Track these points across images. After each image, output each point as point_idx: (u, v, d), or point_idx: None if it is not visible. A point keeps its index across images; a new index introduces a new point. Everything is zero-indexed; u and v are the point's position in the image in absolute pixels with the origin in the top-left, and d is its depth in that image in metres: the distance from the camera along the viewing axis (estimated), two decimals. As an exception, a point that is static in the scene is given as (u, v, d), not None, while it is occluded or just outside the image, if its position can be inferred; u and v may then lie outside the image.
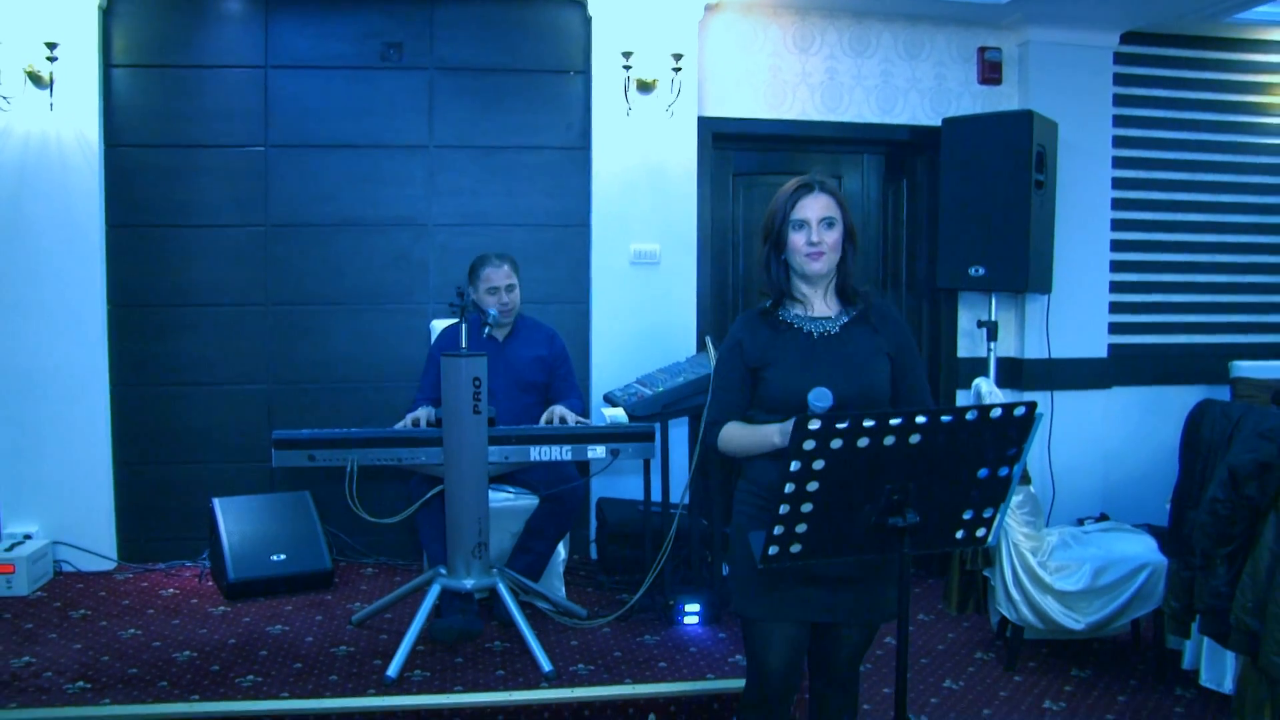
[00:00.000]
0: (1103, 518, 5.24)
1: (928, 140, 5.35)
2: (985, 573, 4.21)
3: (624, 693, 3.50)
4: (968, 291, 5.39)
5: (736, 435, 2.55)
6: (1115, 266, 5.57)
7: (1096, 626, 4.01)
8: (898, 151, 5.58)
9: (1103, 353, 5.55)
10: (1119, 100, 5.51)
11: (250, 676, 3.60)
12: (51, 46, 4.61)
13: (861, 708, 3.79)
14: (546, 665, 3.61)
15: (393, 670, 3.55)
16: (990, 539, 2.24)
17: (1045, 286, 5.19)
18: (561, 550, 4.44)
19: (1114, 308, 5.59)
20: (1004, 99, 5.42)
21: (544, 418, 4.15)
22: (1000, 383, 5.37)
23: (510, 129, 5.17)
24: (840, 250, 2.59)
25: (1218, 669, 3.64)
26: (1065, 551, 4.12)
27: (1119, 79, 5.50)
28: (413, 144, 5.13)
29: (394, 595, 4.13)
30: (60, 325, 4.83)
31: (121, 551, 4.97)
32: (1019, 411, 2.05)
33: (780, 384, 2.51)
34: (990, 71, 5.39)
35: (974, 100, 5.42)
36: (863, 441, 1.98)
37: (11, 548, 4.59)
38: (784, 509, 2.03)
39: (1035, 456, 5.39)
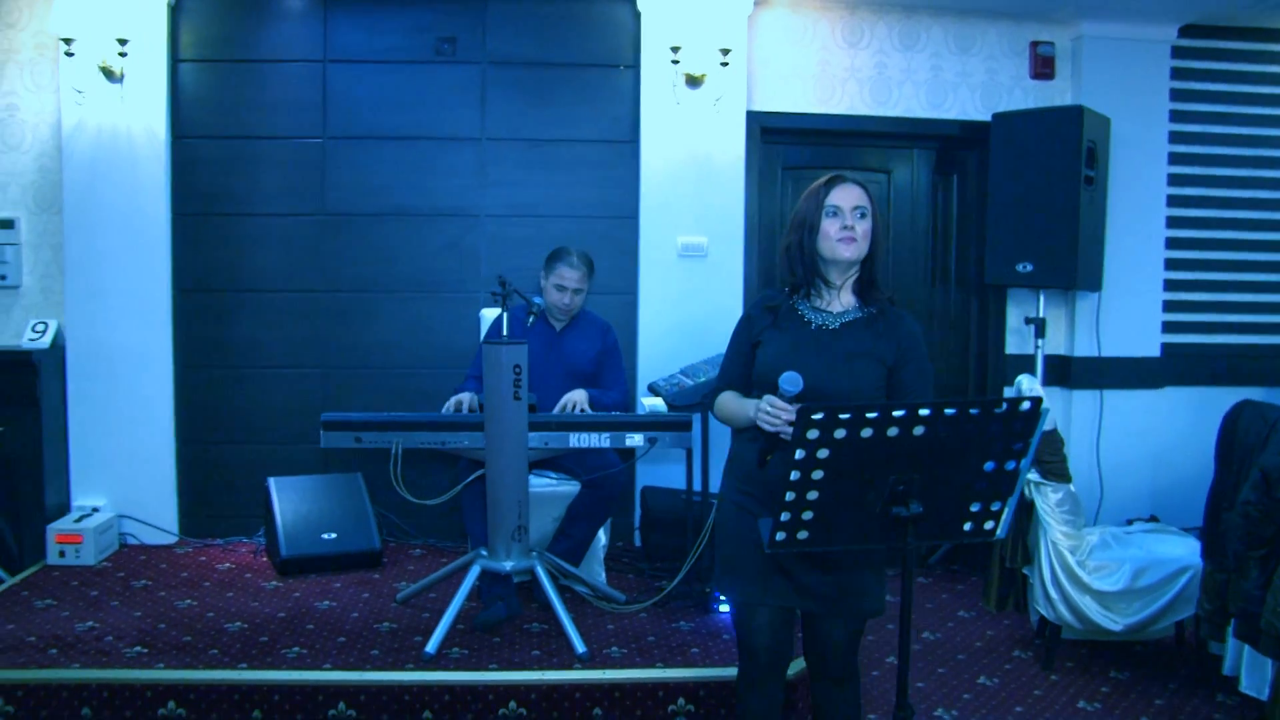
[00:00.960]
0: (1152, 519, 5.18)
1: (978, 135, 5.33)
2: (1025, 571, 4.21)
3: (654, 676, 3.57)
4: (1016, 288, 5.36)
5: (726, 403, 2.73)
6: (1170, 264, 5.49)
7: (1135, 628, 3.98)
8: (948, 146, 5.56)
9: (1155, 352, 5.48)
10: (1176, 95, 5.42)
11: (296, 648, 3.74)
12: (123, 42, 4.81)
13: (893, 701, 3.84)
14: (580, 647, 3.70)
15: (431, 647, 3.67)
16: (999, 532, 2.27)
17: (1095, 284, 5.14)
18: (602, 536, 4.53)
19: (1168, 306, 5.51)
20: (1056, 94, 5.37)
21: (559, 405, 4.24)
22: (1048, 381, 5.33)
23: (560, 122, 5.26)
24: (870, 242, 2.63)
25: (1259, 675, 3.57)
26: (1105, 552, 4.10)
27: (1176, 73, 5.42)
28: (465, 136, 5.24)
29: (437, 575, 4.25)
30: (128, 309, 5.05)
31: (182, 526, 5.18)
32: (1024, 406, 2.08)
33: (763, 363, 2.62)
34: (1042, 66, 5.35)
35: (1025, 95, 5.38)
36: (866, 432, 2.03)
37: (80, 519, 4.82)
38: (790, 496, 2.09)
39: (1081, 456, 5.36)
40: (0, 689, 3.43)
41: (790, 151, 5.49)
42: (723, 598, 4.20)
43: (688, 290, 5.23)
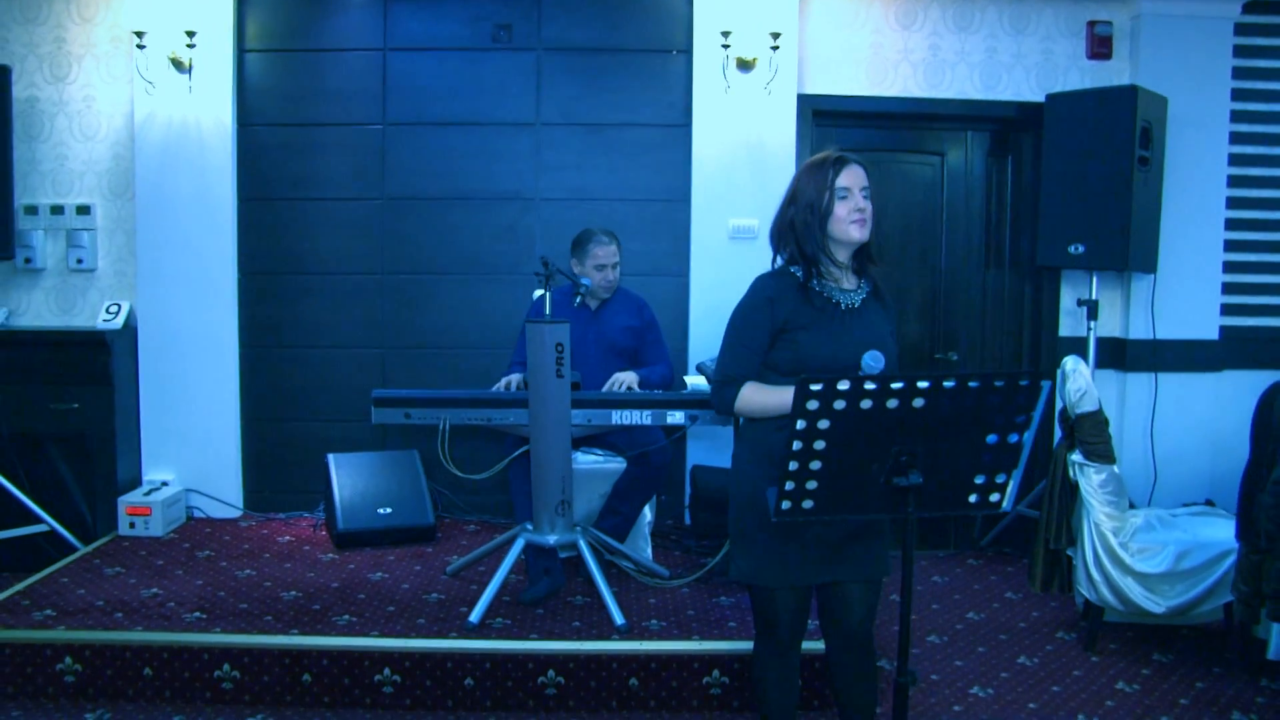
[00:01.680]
0: (1208, 504, 5.10)
1: (1033, 117, 5.28)
2: (1069, 552, 4.20)
3: (690, 648, 3.65)
4: (1070, 270, 5.30)
5: (756, 398, 2.61)
6: (1230, 246, 5.37)
7: (1178, 611, 3.95)
8: (1002, 128, 5.51)
9: (1214, 334, 5.37)
10: (1239, 73, 5.30)
11: (346, 616, 3.90)
12: (191, 35, 5.01)
13: (929, 678, 3.89)
14: (619, 619, 3.79)
15: (474, 616, 3.79)
16: (1005, 504, 2.30)
17: (1149, 265, 5.07)
18: (648, 513, 4.61)
19: (1228, 288, 5.40)
20: (1114, 74, 5.30)
21: (607, 384, 4.32)
22: (1102, 363, 5.28)
23: (614, 107, 5.34)
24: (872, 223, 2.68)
25: (1306, 659, 3.57)
26: (1149, 534, 4.08)
27: (1239, 50, 5.29)
28: (520, 122, 5.35)
29: (485, 548, 4.38)
30: (197, 292, 5.25)
31: (247, 501, 5.39)
32: (1024, 382, 2.12)
33: (813, 348, 2.59)
34: (1099, 46, 5.27)
35: (1082, 75, 5.31)
36: (866, 403, 2.08)
37: (150, 493, 5.04)
38: (793, 465, 2.15)
39: (1135, 439, 5.31)
40: (69, 648, 3.62)
41: (842, 134, 5.49)
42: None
43: (739, 272, 5.18)
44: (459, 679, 3.60)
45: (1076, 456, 4.05)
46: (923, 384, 2.08)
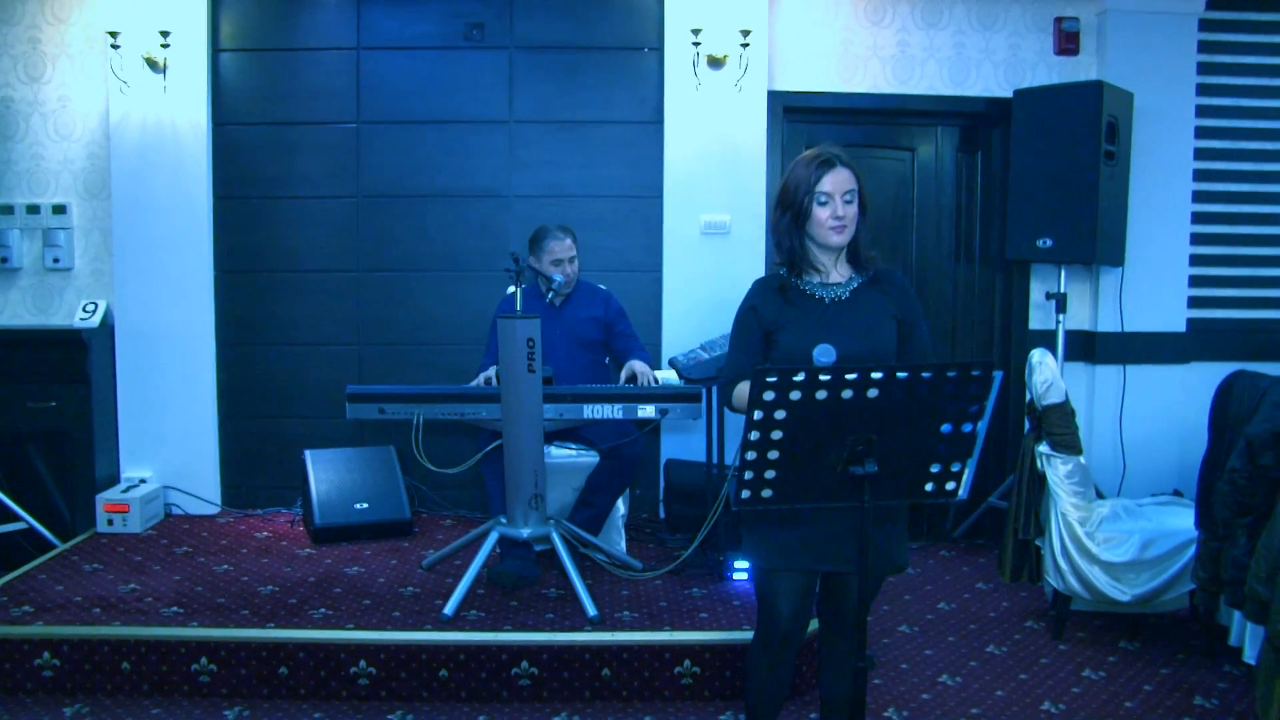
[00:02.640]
0: (1176, 494, 5.18)
1: (1002, 112, 5.34)
2: (1037, 542, 4.26)
3: (661, 638, 3.70)
4: (1039, 263, 5.37)
5: (745, 393, 2.65)
6: (1196, 239, 5.45)
7: (1144, 599, 4.02)
8: (972, 123, 5.58)
9: (1181, 327, 5.45)
10: (1203, 69, 5.37)
11: (322, 610, 3.93)
12: (165, 34, 5.03)
13: (899, 666, 3.96)
14: (592, 610, 3.83)
15: (449, 609, 3.84)
16: (961, 492, 2.36)
17: (1116, 259, 5.14)
18: (621, 506, 4.66)
19: (1194, 281, 5.47)
20: (1081, 69, 5.36)
21: (624, 376, 4.37)
22: (1071, 355, 5.35)
23: (587, 104, 5.38)
24: (857, 223, 2.71)
25: (1259, 644, 3.63)
26: (1115, 523, 4.14)
27: (1204, 46, 5.36)
28: (494, 119, 5.38)
29: (459, 542, 4.42)
30: (173, 290, 5.27)
31: (225, 497, 5.42)
32: (975, 372, 2.17)
33: (791, 344, 2.66)
34: (1067, 42, 5.34)
35: (1050, 71, 5.37)
36: (821, 394, 2.12)
37: (128, 490, 5.07)
38: (751, 455, 2.20)
39: (1103, 431, 5.38)
40: (48, 644, 3.66)
41: (814, 130, 5.53)
42: (739, 564, 4.30)
43: (711, 267, 5.33)
44: (434, 670, 3.64)
45: (1044, 448, 4.11)
46: (876, 374, 2.13)
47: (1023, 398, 4.46)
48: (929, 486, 2.34)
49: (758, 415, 2.15)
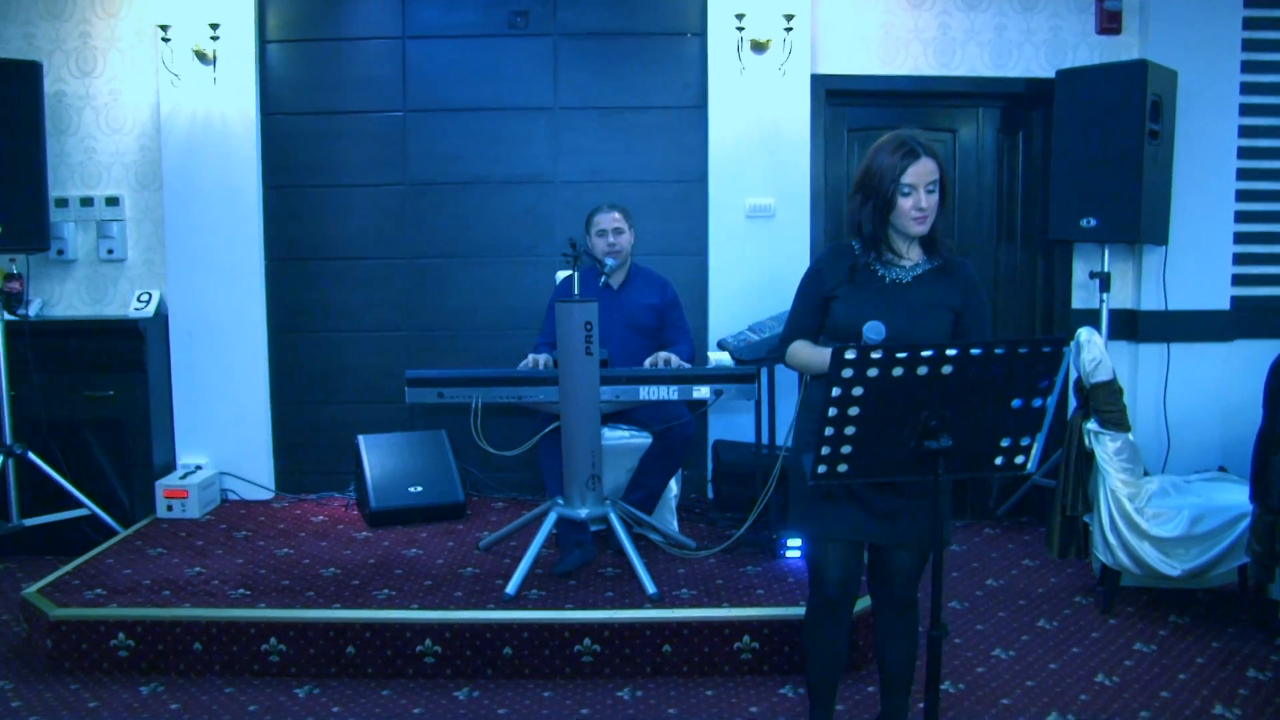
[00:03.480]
0: (1221, 470, 5.20)
1: (1043, 93, 5.35)
2: (1085, 519, 4.30)
3: (720, 615, 3.77)
4: (1081, 243, 5.40)
5: (801, 352, 2.87)
6: (1240, 217, 5.44)
7: (1193, 574, 4.06)
8: (1013, 104, 5.59)
9: (1225, 305, 5.45)
10: (1248, 45, 5.36)
11: (386, 590, 4.02)
12: (214, 27, 5.10)
13: (953, 641, 4.01)
14: (651, 588, 3.90)
15: (511, 588, 3.91)
16: (1029, 466, 2.41)
17: (1160, 238, 5.16)
18: (674, 486, 4.72)
19: (1239, 259, 5.47)
20: (1123, 49, 5.36)
21: (648, 361, 4.43)
22: (1114, 334, 5.37)
23: (630, 90, 5.43)
24: (937, 212, 2.77)
25: (1312, 617, 3.68)
26: (1164, 499, 4.18)
27: (1248, 23, 5.34)
28: (538, 106, 5.44)
29: (516, 523, 4.50)
30: (225, 278, 5.36)
31: (278, 483, 5.52)
32: (1046, 349, 2.22)
33: (842, 316, 2.76)
34: (1109, 21, 5.34)
35: (1091, 51, 5.38)
36: (897, 371, 2.18)
37: (185, 476, 5.17)
38: (829, 431, 2.26)
39: (1148, 408, 5.41)
40: (122, 625, 3.75)
41: (855, 113, 5.58)
42: (792, 542, 4.36)
43: (756, 250, 5.38)
44: (498, 648, 3.72)
45: (1092, 425, 4.15)
46: (951, 351, 2.19)
47: (1069, 376, 4.49)
48: (999, 460, 2.40)
49: (835, 392, 2.20)
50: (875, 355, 2.16)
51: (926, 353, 2.18)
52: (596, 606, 3.84)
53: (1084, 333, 4.20)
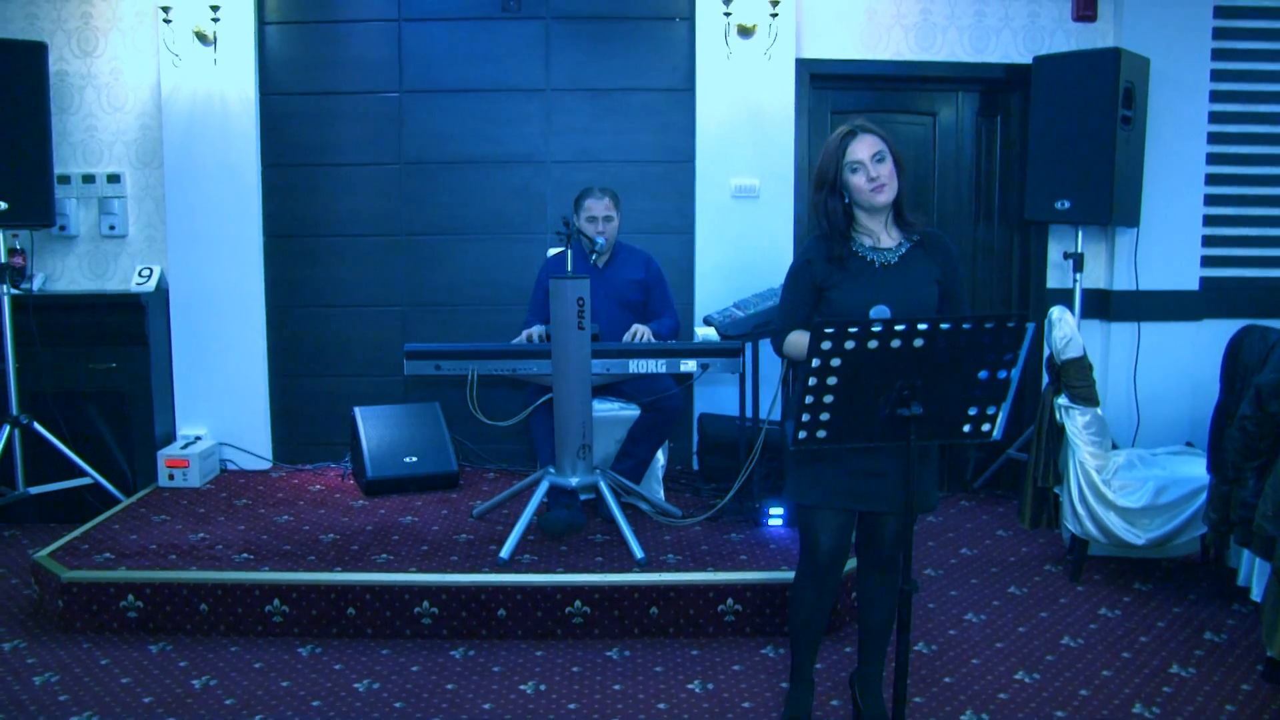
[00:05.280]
0: (1188, 445, 5.40)
1: (1020, 78, 5.51)
2: (1056, 490, 4.49)
3: (705, 579, 3.94)
4: (1056, 224, 5.57)
5: (798, 341, 2.97)
6: (1210, 200, 5.61)
7: (1157, 542, 4.24)
8: (991, 89, 5.75)
9: (1194, 285, 5.64)
10: (1219, 33, 5.51)
11: (384, 555, 4.19)
12: (215, 8, 5.21)
13: (926, 606, 4.20)
14: (639, 553, 4.08)
15: (505, 553, 4.08)
16: (996, 434, 2.58)
17: (1132, 220, 5.34)
18: (661, 457, 4.90)
19: (1208, 241, 5.65)
20: (1099, 36, 5.51)
21: (626, 335, 4.60)
22: (1087, 313, 5.54)
23: (620, 72, 5.57)
24: (897, 180, 2.91)
25: (1266, 580, 3.86)
26: (1130, 471, 4.36)
27: (1220, 11, 5.50)
28: (531, 88, 5.58)
29: (510, 491, 4.67)
30: (224, 254, 5.50)
31: (276, 453, 5.69)
32: (1010, 324, 2.40)
33: (842, 303, 2.88)
34: (1085, 8, 5.49)
35: (1068, 38, 5.53)
36: (872, 344, 2.35)
37: (185, 446, 5.32)
38: (809, 399, 2.43)
39: (1119, 385, 5.59)
40: (131, 587, 3.91)
41: (839, 96, 5.73)
42: (774, 510, 4.53)
43: (741, 229, 5.53)
44: (493, 610, 3.89)
45: (1062, 400, 4.33)
46: (922, 326, 2.36)
47: (1041, 353, 4.67)
48: (967, 428, 2.58)
49: (815, 363, 2.37)
50: (852, 329, 2.32)
51: (899, 326, 2.35)
52: (587, 570, 4.01)
53: (1055, 311, 4.37)
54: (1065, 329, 4.30)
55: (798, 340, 2.97)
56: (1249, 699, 3.42)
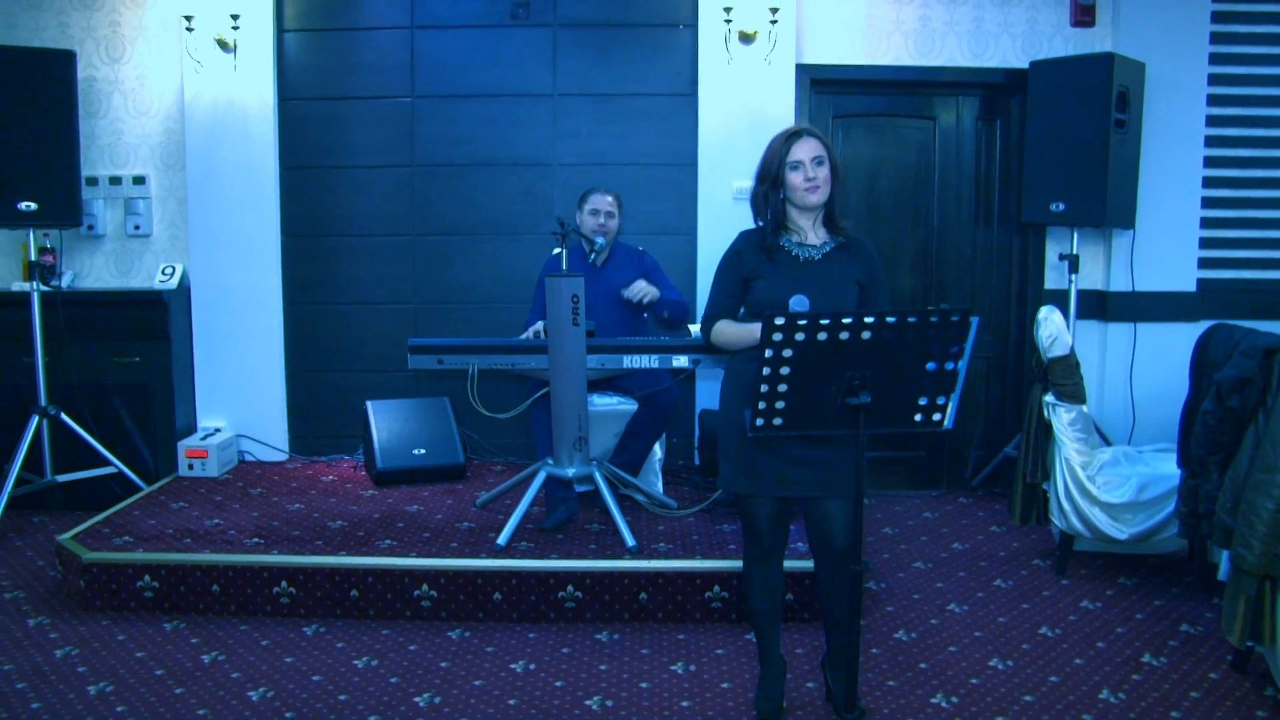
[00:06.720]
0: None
1: (1019, 82, 5.61)
2: (1044, 486, 4.60)
3: (693, 566, 4.09)
4: (1054, 226, 5.66)
5: (727, 331, 3.16)
6: (1207, 203, 5.68)
7: (1140, 537, 4.33)
8: (990, 93, 5.85)
9: (1191, 287, 5.70)
10: (1216, 38, 5.58)
11: (388, 541, 4.37)
12: (235, 17, 5.43)
13: (911, 597, 4.32)
14: (631, 541, 4.23)
15: (502, 540, 4.25)
16: (947, 423, 2.72)
17: (1126, 222, 5.42)
18: (658, 451, 5.05)
19: (1205, 243, 5.71)
20: (1097, 41, 5.60)
21: (626, 291, 4.82)
22: (1083, 314, 5.63)
23: (625, 78, 5.73)
24: (831, 185, 3.09)
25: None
26: (1115, 468, 4.45)
27: (1216, 16, 5.57)
28: (538, 93, 5.75)
29: (510, 482, 4.84)
30: (243, 253, 5.72)
31: (292, 445, 5.90)
32: (954, 318, 2.53)
33: (765, 293, 3.07)
34: (1082, 14, 5.58)
35: (1066, 43, 5.62)
36: (822, 336, 2.50)
37: (205, 438, 5.53)
38: (764, 388, 2.58)
39: (1115, 385, 5.67)
40: (147, 568, 4.12)
41: (840, 101, 5.85)
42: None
43: (742, 230, 5.65)
44: (489, 594, 4.06)
45: (1049, 397, 4.43)
46: (869, 319, 2.50)
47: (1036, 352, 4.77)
48: (918, 417, 2.72)
49: (768, 354, 2.52)
50: (801, 322, 2.47)
51: (846, 319, 2.50)
52: (580, 557, 4.17)
53: (1043, 311, 4.47)
54: (1051, 328, 4.41)
55: (725, 330, 3.17)
56: (1214, 686, 3.52)
